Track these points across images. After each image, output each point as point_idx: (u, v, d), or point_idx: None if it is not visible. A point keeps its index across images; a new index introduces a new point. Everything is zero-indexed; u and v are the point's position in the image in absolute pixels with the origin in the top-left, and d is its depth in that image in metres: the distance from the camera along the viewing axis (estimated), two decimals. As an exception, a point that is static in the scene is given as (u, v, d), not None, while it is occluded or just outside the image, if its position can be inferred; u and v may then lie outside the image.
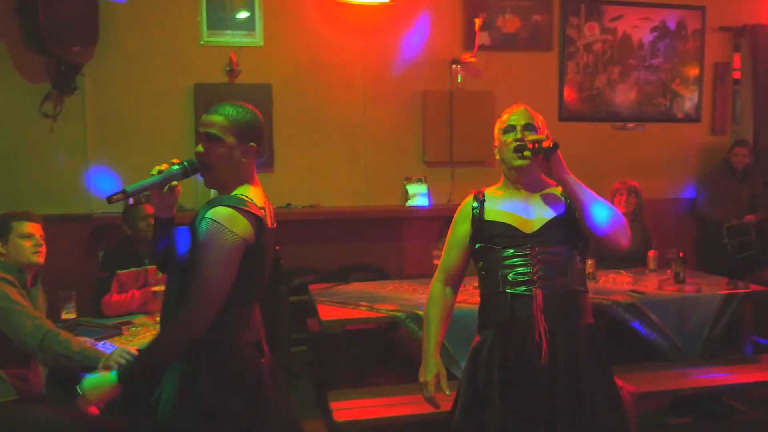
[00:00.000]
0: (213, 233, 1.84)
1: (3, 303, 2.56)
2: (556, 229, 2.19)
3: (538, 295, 2.13)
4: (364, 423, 3.08)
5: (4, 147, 4.51)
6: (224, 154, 1.94)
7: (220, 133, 1.93)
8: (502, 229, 2.21)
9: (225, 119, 1.94)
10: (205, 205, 1.94)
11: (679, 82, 5.68)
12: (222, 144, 1.94)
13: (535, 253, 2.16)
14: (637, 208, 4.67)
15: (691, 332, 3.78)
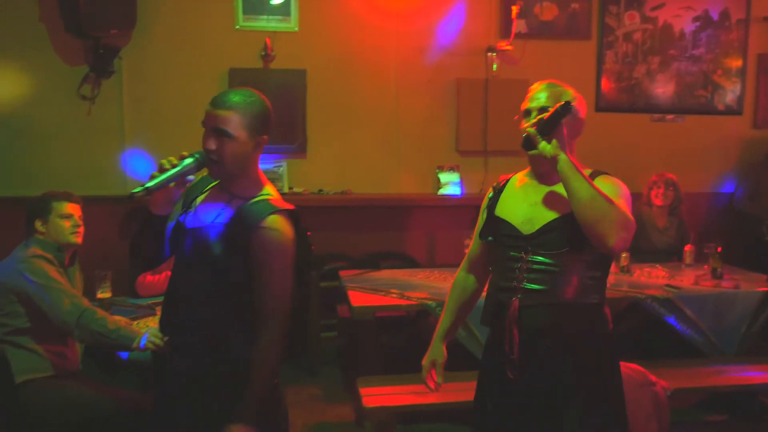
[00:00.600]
0: (280, 245, 1.86)
1: (42, 280, 2.61)
2: (557, 231, 1.96)
3: (514, 305, 1.97)
4: (392, 409, 3.08)
5: (44, 128, 4.58)
6: (237, 151, 1.86)
7: (233, 130, 1.85)
8: (504, 227, 2.06)
9: (236, 114, 1.85)
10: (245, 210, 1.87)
11: (721, 73, 5.54)
12: (235, 141, 1.85)
13: (526, 259, 1.98)
14: (674, 202, 4.59)
15: (728, 329, 3.71)
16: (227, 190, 1.95)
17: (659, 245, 4.56)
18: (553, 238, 1.96)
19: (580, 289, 1.98)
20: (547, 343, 1.98)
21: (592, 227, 1.83)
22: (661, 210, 4.60)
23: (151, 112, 4.72)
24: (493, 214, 2.12)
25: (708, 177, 5.60)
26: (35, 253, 2.71)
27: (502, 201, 2.13)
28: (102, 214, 4.36)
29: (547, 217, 1.99)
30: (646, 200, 4.64)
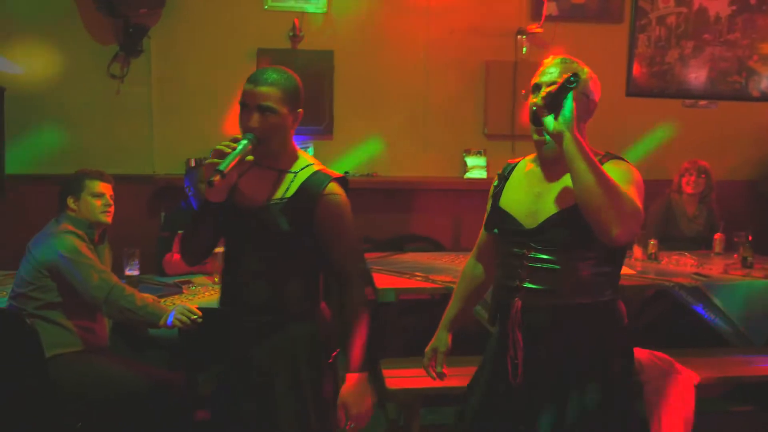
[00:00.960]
0: (344, 207, 1.98)
1: (73, 255, 2.65)
2: (561, 225, 1.82)
3: (516, 305, 1.86)
4: (416, 392, 3.09)
5: (73, 106, 4.62)
6: (280, 125, 1.93)
7: (275, 105, 1.91)
8: (507, 221, 1.94)
9: (276, 89, 1.92)
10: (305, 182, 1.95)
11: (757, 59, 5.41)
12: (277, 115, 1.92)
13: (527, 256, 1.86)
14: (705, 190, 4.51)
15: (758, 319, 3.65)
16: (272, 166, 2.00)
17: (688, 233, 4.50)
18: (556, 234, 1.83)
19: (587, 288, 1.84)
20: (550, 347, 1.86)
21: (595, 214, 1.68)
22: (692, 198, 4.52)
23: (178, 92, 4.74)
24: (498, 206, 1.98)
25: (740, 164, 5.49)
26: (66, 229, 2.75)
27: (507, 190, 1.99)
28: (130, 193, 4.40)
29: (550, 210, 1.85)
30: (676, 187, 4.57)
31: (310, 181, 1.96)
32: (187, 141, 4.73)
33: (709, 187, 4.51)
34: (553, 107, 1.75)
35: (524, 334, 1.86)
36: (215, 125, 4.78)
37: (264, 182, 1.99)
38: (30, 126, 4.60)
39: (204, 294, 3.22)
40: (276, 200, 1.96)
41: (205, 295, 3.20)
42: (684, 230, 4.50)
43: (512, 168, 2.04)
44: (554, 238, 1.83)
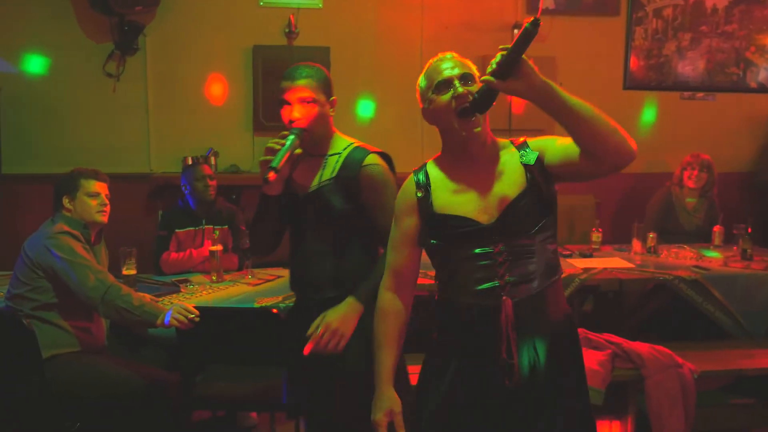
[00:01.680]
0: (384, 175, 2.08)
1: (68, 256, 2.63)
2: (523, 210, 1.73)
3: (507, 305, 1.71)
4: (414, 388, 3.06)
5: (69, 105, 4.61)
6: (320, 113, 2.07)
7: (314, 95, 2.05)
8: (457, 222, 1.75)
9: (312, 80, 2.06)
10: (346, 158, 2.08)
11: (754, 50, 5.40)
12: (318, 104, 2.06)
13: (498, 250, 1.72)
14: (707, 185, 4.46)
15: (758, 311, 3.65)
16: (319, 152, 2.13)
17: (687, 227, 4.47)
18: (520, 219, 1.73)
19: (552, 267, 1.78)
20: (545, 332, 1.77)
21: (611, 137, 1.59)
22: (693, 192, 4.49)
23: (175, 89, 4.73)
24: (434, 213, 1.79)
25: (738, 156, 5.48)
26: (62, 229, 2.73)
27: (437, 195, 1.80)
28: (127, 192, 4.38)
29: (504, 198, 1.74)
30: (677, 180, 4.52)
31: (350, 156, 2.10)
32: (183, 139, 4.72)
33: (710, 182, 4.47)
34: (512, 66, 1.56)
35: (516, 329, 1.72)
36: (212, 122, 4.77)
37: (313, 168, 2.13)
38: (25, 125, 4.59)
39: (202, 293, 3.21)
40: (324, 181, 2.09)
41: (203, 294, 3.19)
42: (683, 224, 4.48)
43: (426, 176, 1.84)
44: (520, 222, 1.72)
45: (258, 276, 3.51)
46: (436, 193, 1.80)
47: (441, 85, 1.75)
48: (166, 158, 4.70)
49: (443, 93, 1.74)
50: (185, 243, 3.69)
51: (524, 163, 1.77)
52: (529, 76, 1.57)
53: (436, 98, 1.75)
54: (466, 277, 1.76)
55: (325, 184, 2.09)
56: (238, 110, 4.79)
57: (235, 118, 4.80)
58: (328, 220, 2.09)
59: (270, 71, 4.74)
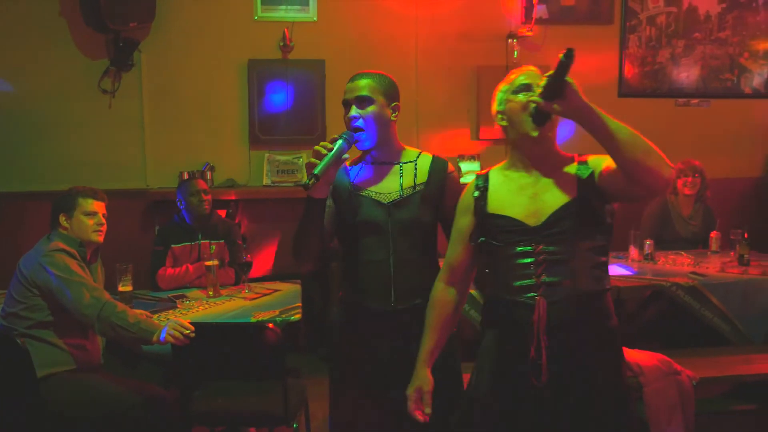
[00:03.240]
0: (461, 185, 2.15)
1: (63, 274, 2.63)
2: (568, 218, 1.84)
3: (540, 305, 1.82)
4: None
5: (65, 122, 4.62)
6: (377, 113, 2.10)
7: (371, 94, 2.09)
8: (505, 222, 1.90)
9: (371, 81, 2.11)
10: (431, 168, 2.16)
11: (748, 56, 5.41)
12: (373, 103, 2.10)
13: (539, 251, 1.85)
14: (700, 190, 4.48)
15: (756, 317, 3.64)
16: (388, 160, 2.18)
17: (684, 234, 4.48)
18: (565, 226, 1.84)
19: (596, 277, 1.87)
20: (577, 339, 1.84)
21: (645, 161, 1.73)
22: (688, 198, 4.49)
23: (170, 105, 4.74)
24: (487, 213, 1.94)
25: (734, 162, 5.48)
26: (58, 246, 2.73)
27: (493, 198, 1.95)
28: (123, 208, 4.39)
29: (553, 205, 1.87)
30: (672, 189, 4.54)
31: (434, 165, 2.17)
32: (179, 154, 4.73)
33: (704, 187, 4.49)
34: (558, 92, 1.71)
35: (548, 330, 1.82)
36: (208, 137, 4.78)
37: (389, 175, 2.16)
38: (21, 142, 4.60)
39: (198, 308, 3.20)
40: (409, 188, 2.13)
41: (199, 309, 3.19)
42: (679, 231, 4.48)
43: (486, 178, 2.02)
44: (564, 229, 1.84)
45: (255, 290, 3.51)
46: (492, 195, 1.95)
47: (521, 88, 1.90)
48: (163, 173, 4.70)
49: (520, 94, 1.90)
50: (181, 258, 3.69)
51: (578, 177, 1.89)
52: (572, 99, 1.71)
53: (513, 98, 1.90)
54: (506, 274, 1.89)
55: (412, 192, 2.13)
56: (234, 124, 4.80)
57: (231, 133, 4.81)
58: (416, 228, 2.13)
59: (265, 85, 4.76)
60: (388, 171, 2.16)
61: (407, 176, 2.15)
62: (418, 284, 2.14)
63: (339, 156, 2.01)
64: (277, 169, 4.80)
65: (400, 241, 2.12)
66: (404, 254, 2.13)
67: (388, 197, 2.13)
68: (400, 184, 2.13)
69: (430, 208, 2.13)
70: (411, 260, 2.13)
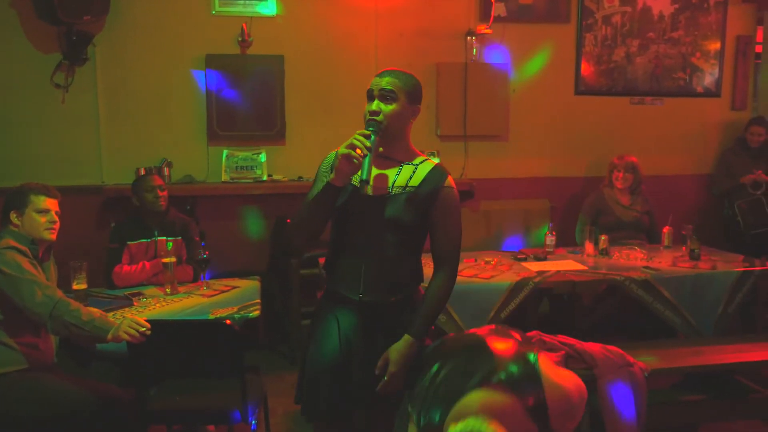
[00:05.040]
0: (458, 200, 2.20)
1: (15, 272, 2.57)
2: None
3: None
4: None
5: (16, 117, 4.50)
6: (398, 112, 2.13)
7: (396, 91, 2.12)
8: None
9: (397, 80, 2.14)
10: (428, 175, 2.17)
11: (700, 55, 5.56)
12: (397, 101, 2.13)
13: None
14: (633, 184, 4.65)
15: (705, 310, 3.75)
16: (393, 157, 2.20)
17: (625, 218, 4.61)
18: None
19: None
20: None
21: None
22: (622, 191, 4.66)
23: (126, 100, 4.66)
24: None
25: (687, 159, 5.64)
26: (8, 244, 2.66)
27: None
28: (78, 204, 4.31)
29: None
30: (608, 182, 4.70)
31: (432, 173, 2.18)
32: (136, 150, 4.65)
33: (637, 181, 4.66)
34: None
35: None
36: (165, 133, 4.71)
37: (386, 171, 2.18)
38: (-29, 138, 4.47)
39: (155, 306, 3.16)
40: (400, 188, 2.15)
41: (156, 306, 3.15)
42: (620, 216, 4.61)
43: None
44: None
45: (213, 287, 3.48)
46: None
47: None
48: (119, 170, 4.62)
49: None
50: (137, 255, 3.64)
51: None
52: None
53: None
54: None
55: (401, 191, 2.15)
56: (191, 120, 4.74)
57: (188, 128, 4.75)
58: (397, 226, 2.14)
59: (223, 80, 4.71)
60: (390, 167, 2.19)
61: (403, 177, 2.17)
62: (391, 282, 2.19)
63: (376, 149, 2.08)
64: (236, 165, 4.76)
65: (379, 236, 2.15)
66: (381, 250, 2.15)
67: (378, 192, 2.16)
68: (394, 182, 2.16)
69: (414, 210, 2.14)
70: (387, 257, 2.15)
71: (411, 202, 2.14)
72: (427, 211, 2.16)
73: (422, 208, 2.15)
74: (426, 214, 2.17)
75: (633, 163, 4.63)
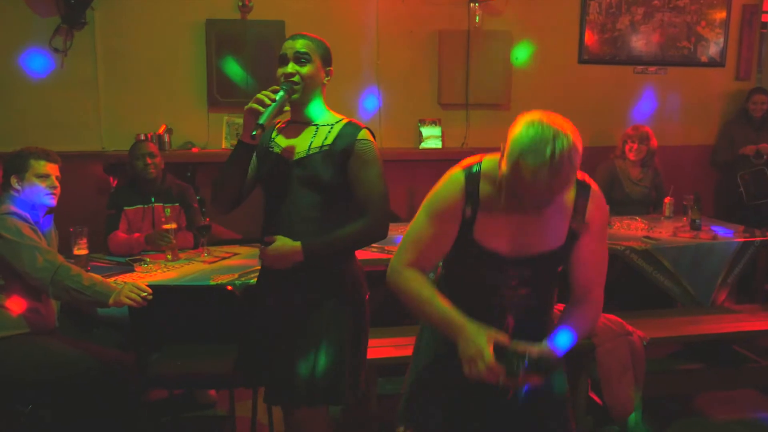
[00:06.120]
0: (375, 151, 2.16)
1: (15, 237, 2.57)
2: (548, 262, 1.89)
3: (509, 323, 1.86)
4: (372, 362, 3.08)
5: (15, 81, 4.46)
6: (313, 74, 2.16)
7: (311, 54, 2.16)
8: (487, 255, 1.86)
9: (311, 43, 2.17)
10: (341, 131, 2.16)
11: (705, 24, 5.49)
12: (312, 65, 2.16)
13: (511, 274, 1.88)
14: (646, 156, 4.59)
15: (705, 280, 3.76)
16: (309, 121, 2.21)
17: (633, 195, 4.59)
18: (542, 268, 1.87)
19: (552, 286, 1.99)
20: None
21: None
22: (634, 163, 4.60)
23: (125, 65, 4.61)
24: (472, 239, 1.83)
25: (691, 129, 5.61)
26: (9, 210, 2.66)
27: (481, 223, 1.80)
28: (78, 170, 4.30)
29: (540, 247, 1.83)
30: (620, 153, 4.64)
31: (345, 129, 2.18)
32: (136, 115, 4.62)
33: (650, 153, 4.59)
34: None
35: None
36: (165, 99, 4.68)
37: (304, 135, 2.20)
38: (-30, 103, 4.43)
39: (157, 272, 3.17)
40: (316, 148, 2.15)
41: (157, 273, 3.15)
42: (629, 192, 4.58)
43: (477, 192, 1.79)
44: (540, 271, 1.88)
45: (214, 254, 3.48)
46: (480, 219, 1.78)
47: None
48: (119, 135, 4.59)
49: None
50: (135, 221, 3.63)
51: (571, 224, 1.80)
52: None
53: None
54: (471, 286, 1.88)
55: (317, 151, 2.15)
56: (191, 86, 4.70)
57: (189, 94, 4.71)
58: (317, 186, 2.14)
59: (223, 46, 4.66)
60: (309, 131, 2.20)
61: (319, 137, 2.17)
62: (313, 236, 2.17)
63: (282, 106, 2.09)
64: (236, 132, 4.73)
65: (300, 198, 2.15)
66: (303, 211, 2.15)
67: (295, 155, 2.17)
68: (310, 143, 2.17)
69: (332, 167, 2.13)
70: (311, 218, 2.14)
71: (327, 159, 2.13)
72: (344, 166, 2.14)
73: (339, 164, 2.13)
74: (345, 170, 2.14)
75: (648, 134, 4.57)
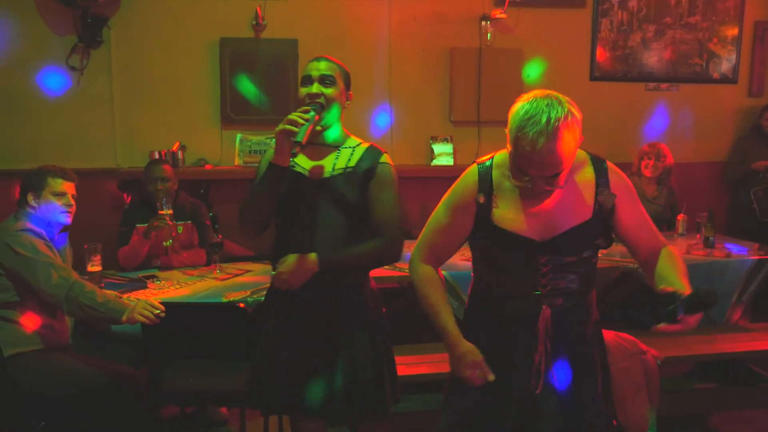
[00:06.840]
0: (395, 176, 2.22)
1: (30, 254, 2.59)
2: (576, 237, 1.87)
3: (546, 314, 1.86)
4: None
5: (33, 99, 4.52)
6: (336, 97, 2.21)
7: (335, 76, 2.21)
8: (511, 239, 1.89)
9: (335, 66, 2.24)
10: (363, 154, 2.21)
11: (717, 41, 5.49)
12: (335, 85, 2.21)
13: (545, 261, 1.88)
14: (663, 173, 4.55)
15: (719, 298, 3.72)
16: (330, 144, 2.24)
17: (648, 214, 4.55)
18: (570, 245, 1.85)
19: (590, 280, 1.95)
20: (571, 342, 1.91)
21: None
22: (650, 180, 4.58)
23: (140, 83, 4.66)
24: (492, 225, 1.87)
25: (703, 146, 5.58)
26: (25, 226, 2.69)
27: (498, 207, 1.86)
28: (93, 187, 4.34)
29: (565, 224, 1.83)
30: (636, 170, 4.61)
31: (367, 152, 2.23)
32: (150, 133, 4.67)
33: (666, 171, 4.55)
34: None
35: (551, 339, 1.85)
36: (179, 116, 4.72)
37: (323, 157, 2.22)
38: (-12, 121, 4.49)
39: (169, 289, 3.18)
40: (340, 170, 2.18)
41: (170, 290, 3.17)
42: None
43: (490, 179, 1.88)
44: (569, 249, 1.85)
45: (226, 271, 3.49)
46: (497, 203, 1.83)
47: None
48: (133, 152, 4.64)
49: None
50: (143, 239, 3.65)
51: (597, 200, 1.83)
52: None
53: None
54: (509, 280, 1.86)
55: (341, 172, 2.18)
56: (205, 103, 4.75)
57: (202, 112, 4.76)
58: (342, 206, 2.17)
59: (237, 64, 4.71)
60: (328, 153, 2.23)
61: (342, 159, 2.21)
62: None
63: (314, 126, 2.11)
64: (249, 150, 4.76)
65: (325, 217, 2.17)
66: (327, 230, 2.17)
67: (316, 177, 2.20)
68: (333, 165, 2.20)
69: (355, 188, 2.17)
70: (335, 237, 2.17)
71: (351, 181, 2.17)
72: (365, 188, 2.18)
73: (360, 185, 2.18)
74: (365, 192, 2.19)
75: (664, 152, 4.55)
